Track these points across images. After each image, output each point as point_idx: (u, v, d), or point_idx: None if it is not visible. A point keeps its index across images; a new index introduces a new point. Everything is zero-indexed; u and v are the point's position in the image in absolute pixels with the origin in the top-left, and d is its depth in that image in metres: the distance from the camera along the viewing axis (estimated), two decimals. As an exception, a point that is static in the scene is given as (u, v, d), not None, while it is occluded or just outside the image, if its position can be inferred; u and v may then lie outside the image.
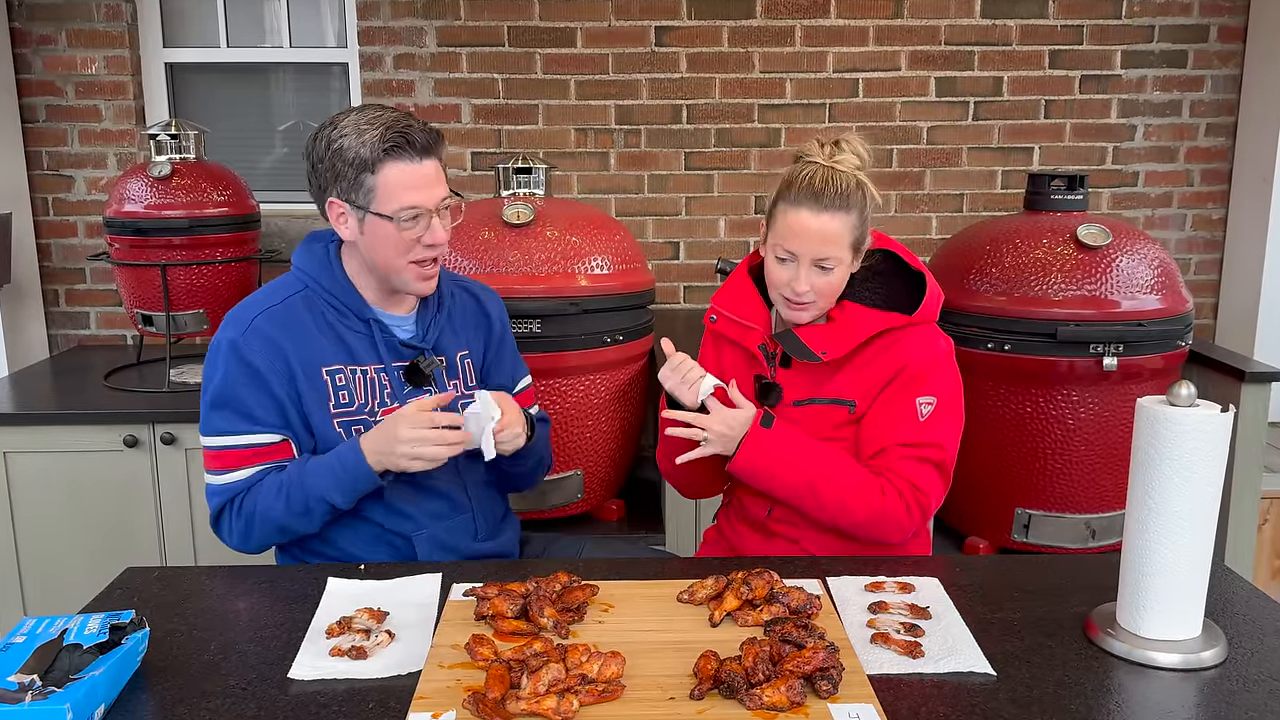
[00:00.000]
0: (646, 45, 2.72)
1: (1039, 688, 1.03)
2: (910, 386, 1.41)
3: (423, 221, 1.37)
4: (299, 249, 1.47)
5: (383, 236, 1.37)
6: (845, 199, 1.36)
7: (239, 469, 1.37)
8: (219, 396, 1.37)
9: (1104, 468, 2.01)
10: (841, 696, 0.98)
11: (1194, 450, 1.05)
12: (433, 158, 1.37)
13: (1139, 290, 1.96)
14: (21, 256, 2.71)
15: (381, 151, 1.33)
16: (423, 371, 1.44)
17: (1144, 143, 2.81)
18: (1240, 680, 1.05)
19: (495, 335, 1.58)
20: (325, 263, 1.44)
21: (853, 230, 1.38)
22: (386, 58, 2.72)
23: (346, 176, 1.35)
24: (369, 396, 1.42)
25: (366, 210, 1.36)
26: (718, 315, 1.53)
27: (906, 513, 1.39)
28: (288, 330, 1.38)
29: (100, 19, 2.66)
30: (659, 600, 1.21)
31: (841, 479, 1.39)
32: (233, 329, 1.38)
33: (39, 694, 0.91)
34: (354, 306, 1.42)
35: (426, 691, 0.99)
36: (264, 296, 1.43)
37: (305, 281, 1.43)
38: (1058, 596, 1.23)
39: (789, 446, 1.40)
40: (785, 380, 1.47)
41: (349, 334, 1.41)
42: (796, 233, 1.36)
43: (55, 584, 2.22)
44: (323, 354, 1.39)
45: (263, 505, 1.36)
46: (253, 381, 1.36)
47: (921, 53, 2.74)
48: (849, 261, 1.40)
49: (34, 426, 2.18)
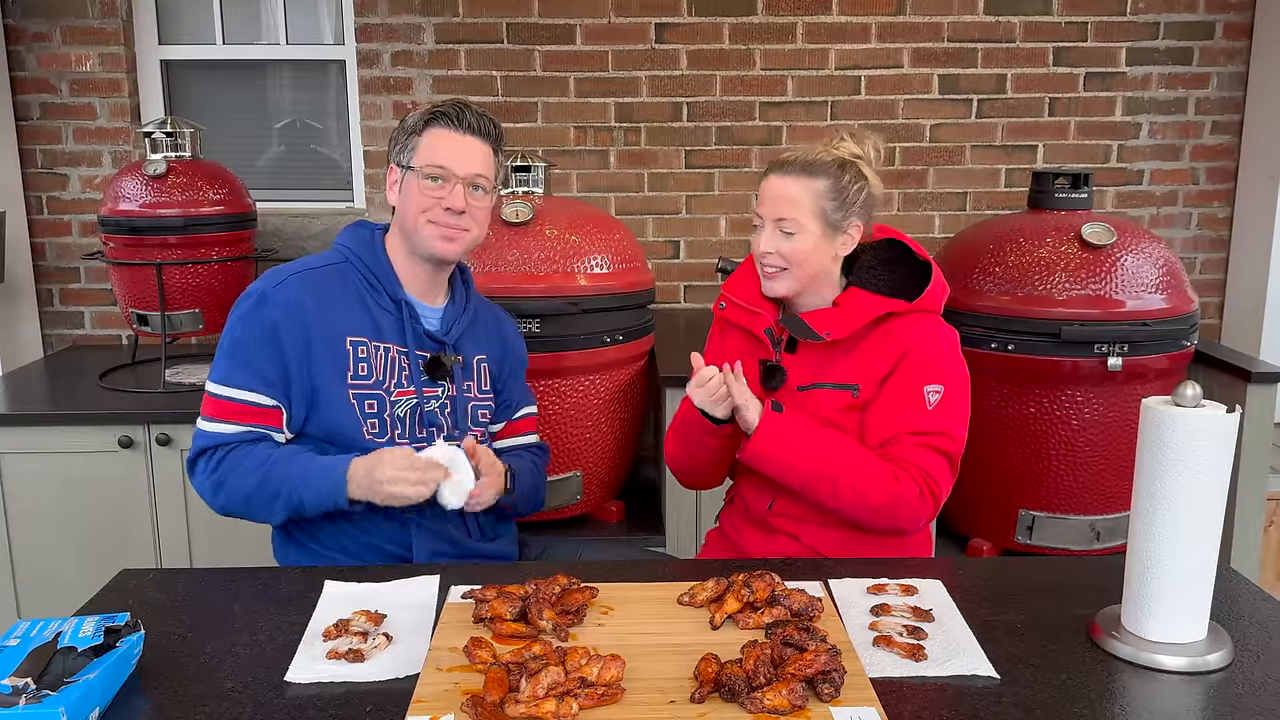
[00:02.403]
0: (646, 42, 2.71)
1: (1043, 691, 1.02)
2: (915, 374, 1.42)
3: (447, 186, 1.42)
4: (345, 230, 1.53)
5: (410, 191, 1.44)
6: (810, 166, 1.42)
7: (227, 422, 1.40)
8: (233, 346, 1.41)
9: (1108, 469, 2.00)
10: (843, 700, 0.97)
11: (1199, 451, 1.05)
12: (480, 139, 1.45)
13: (1144, 290, 1.95)
14: (15, 255, 2.70)
15: (431, 115, 1.44)
16: (444, 365, 1.47)
17: (1149, 140, 2.80)
18: (1246, 684, 1.04)
19: (511, 358, 1.63)
20: (369, 243, 1.49)
21: (817, 197, 1.41)
22: (384, 55, 2.71)
23: (399, 141, 1.46)
24: (386, 375, 1.45)
25: (406, 167, 1.45)
26: (727, 302, 1.55)
27: (920, 499, 1.39)
28: (318, 295, 1.42)
29: (95, 15, 2.65)
30: (659, 603, 1.20)
31: (857, 465, 1.39)
32: (265, 281, 1.43)
33: (33, 697, 0.90)
34: (388, 285, 1.47)
35: (424, 695, 0.99)
36: (303, 262, 1.48)
37: (345, 255, 1.48)
38: (1062, 599, 1.23)
39: (802, 432, 1.41)
40: (790, 365, 1.48)
41: (378, 310, 1.46)
42: (762, 197, 1.46)
43: (49, 586, 2.21)
44: (349, 323, 1.43)
45: (238, 474, 1.38)
46: (267, 338, 1.39)
47: (924, 50, 2.73)
48: (816, 233, 1.43)
49: (28, 427, 2.17)
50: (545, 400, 2.06)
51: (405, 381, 1.45)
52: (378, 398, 1.43)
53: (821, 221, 1.42)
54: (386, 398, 1.44)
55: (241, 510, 1.42)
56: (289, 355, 1.40)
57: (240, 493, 1.39)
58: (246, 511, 1.42)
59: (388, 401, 1.44)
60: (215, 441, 1.40)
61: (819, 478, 1.39)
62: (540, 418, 2.06)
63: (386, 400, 1.43)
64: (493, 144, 1.46)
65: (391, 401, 1.44)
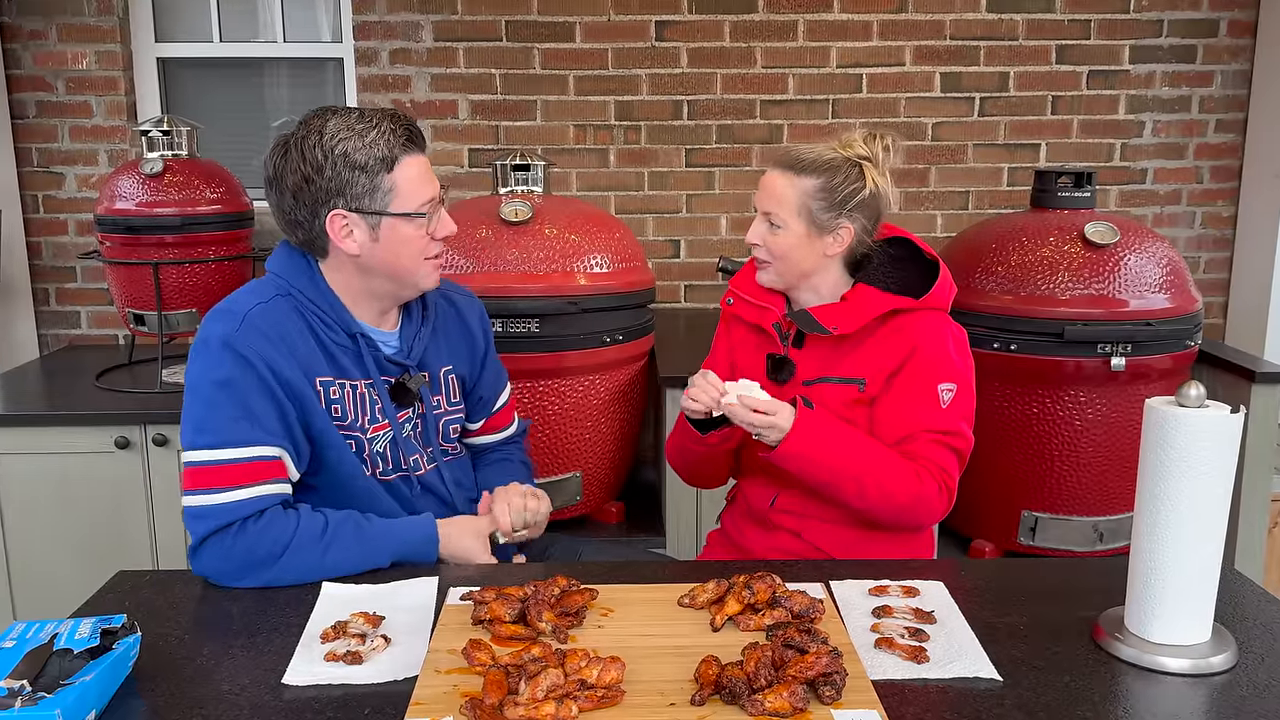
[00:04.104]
0: (647, 40, 2.70)
1: (1046, 693, 1.01)
2: (927, 371, 1.42)
3: (434, 217, 1.35)
4: (275, 254, 1.38)
5: (404, 238, 1.31)
6: (802, 165, 1.42)
7: (235, 487, 1.24)
8: (214, 400, 1.25)
9: (1112, 470, 1.99)
10: (845, 702, 0.97)
11: (1203, 452, 1.04)
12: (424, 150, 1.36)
13: (1147, 289, 1.95)
14: (11, 255, 2.69)
15: (400, 147, 1.29)
16: (409, 390, 1.40)
17: (1153, 139, 2.79)
18: (1250, 686, 1.03)
19: (480, 349, 1.54)
20: (308, 272, 1.35)
21: (803, 196, 1.41)
22: (382, 53, 2.70)
23: (358, 183, 1.28)
24: (359, 413, 1.36)
25: (384, 214, 1.29)
26: (735, 297, 1.56)
27: (939, 497, 1.40)
28: (281, 329, 1.29)
29: (91, 13, 2.64)
30: (659, 604, 1.19)
31: (882, 464, 1.39)
32: (225, 323, 1.27)
33: (29, 700, 0.90)
34: (341, 321, 1.35)
35: (423, 697, 0.98)
36: (250, 292, 1.33)
37: (287, 289, 1.33)
38: (1065, 600, 1.22)
39: (833, 430, 1.40)
40: (797, 360, 1.49)
41: (335, 349, 1.34)
42: (759, 187, 1.47)
43: (45, 588, 2.20)
44: (314, 363, 1.32)
45: (299, 548, 1.25)
46: (251, 382, 1.25)
47: (926, 47, 2.72)
48: (800, 231, 1.43)
49: (24, 427, 2.16)
50: (545, 400, 2.06)
51: (379, 415, 1.37)
52: (355, 438, 1.35)
53: (806, 220, 1.42)
54: (363, 436, 1.36)
55: (282, 580, 1.26)
56: (279, 394, 1.27)
57: (296, 569, 1.24)
58: (283, 580, 1.26)
59: (365, 440, 1.36)
60: (235, 515, 1.23)
61: (846, 476, 1.39)
62: (540, 418, 2.06)
63: (364, 439, 1.36)
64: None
65: (369, 439, 1.36)
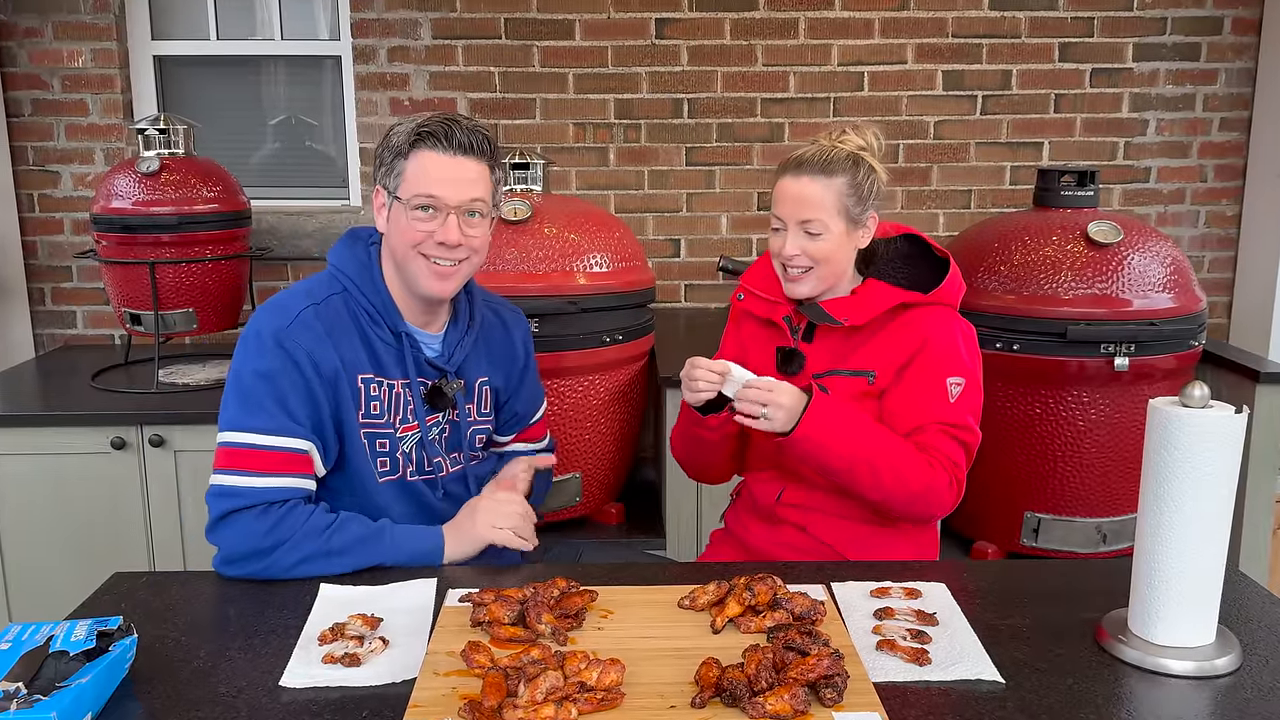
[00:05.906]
0: (647, 38, 2.69)
1: (1049, 696, 1.01)
2: (937, 365, 1.43)
3: (437, 218, 1.33)
4: (337, 246, 1.43)
5: (398, 223, 1.35)
6: (828, 165, 1.42)
7: (266, 474, 1.29)
8: (255, 389, 1.29)
9: (1115, 470, 1.99)
10: (846, 705, 0.96)
11: (1207, 452, 1.03)
12: (473, 158, 1.34)
13: (1151, 289, 1.94)
14: (6, 254, 2.69)
15: (415, 137, 1.32)
16: (444, 394, 1.42)
17: (1156, 138, 2.79)
18: (1255, 688, 1.03)
19: (519, 366, 1.56)
20: (365, 265, 1.40)
21: (839, 196, 1.42)
22: (380, 50, 2.69)
23: (386, 162, 1.35)
24: (392, 412, 1.39)
25: (394, 196, 1.35)
26: (745, 293, 1.57)
27: (949, 488, 1.40)
28: (332, 329, 1.34)
29: (87, 11, 2.63)
30: (659, 606, 1.19)
31: (896, 451, 1.40)
32: (277, 318, 1.32)
33: (25, 702, 0.89)
34: (388, 317, 1.39)
35: (421, 700, 0.97)
36: (305, 291, 1.38)
37: (343, 284, 1.38)
38: (1068, 602, 1.22)
39: (848, 414, 1.41)
40: (807, 353, 1.49)
41: (380, 344, 1.38)
42: (781, 199, 1.45)
43: (41, 589, 2.19)
44: (360, 360, 1.36)
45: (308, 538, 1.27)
46: (294, 378, 1.30)
47: (928, 45, 2.71)
48: (840, 230, 1.43)
49: (19, 428, 2.15)
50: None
51: (411, 416, 1.40)
52: (388, 436, 1.39)
53: (845, 219, 1.43)
54: (395, 435, 1.39)
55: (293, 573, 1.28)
56: (317, 392, 1.32)
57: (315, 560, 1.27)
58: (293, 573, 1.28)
59: (396, 440, 1.39)
60: (262, 499, 1.27)
61: (860, 460, 1.39)
62: (540, 418, 2.05)
63: (395, 438, 1.39)
64: (488, 161, 1.35)
65: (398, 439, 1.39)
